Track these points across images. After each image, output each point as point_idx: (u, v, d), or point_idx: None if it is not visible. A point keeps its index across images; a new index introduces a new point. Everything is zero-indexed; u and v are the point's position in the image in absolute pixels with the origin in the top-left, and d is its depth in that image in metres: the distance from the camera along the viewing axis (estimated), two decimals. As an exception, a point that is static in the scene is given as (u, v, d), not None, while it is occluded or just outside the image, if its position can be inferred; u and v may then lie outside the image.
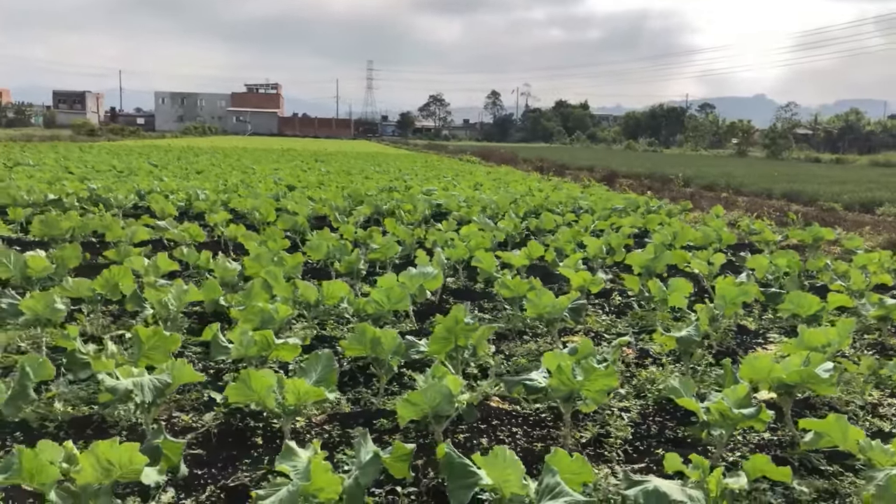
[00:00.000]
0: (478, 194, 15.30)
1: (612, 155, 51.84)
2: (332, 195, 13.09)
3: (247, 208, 11.58)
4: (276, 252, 7.31)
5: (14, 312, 5.00)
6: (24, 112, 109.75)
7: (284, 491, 2.51)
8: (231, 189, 14.65)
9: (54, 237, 8.26)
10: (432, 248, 8.28)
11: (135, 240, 8.35)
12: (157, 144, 48.74)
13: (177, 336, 4.26)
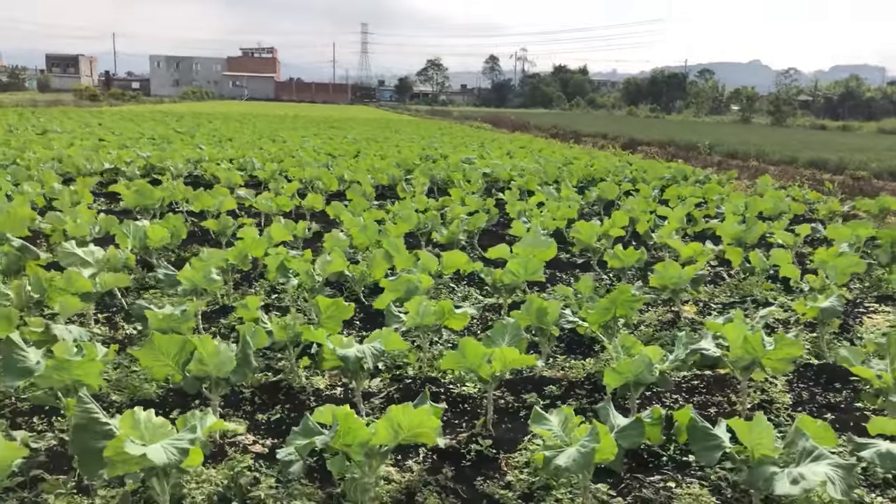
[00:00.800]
0: (515, 162, 15.40)
1: (619, 121, 51.75)
2: (386, 164, 13.16)
3: (306, 177, 11.68)
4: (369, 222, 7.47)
5: (171, 283, 5.17)
6: (17, 76, 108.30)
7: (574, 451, 2.70)
8: (277, 158, 14.69)
9: (147, 207, 8.37)
10: (516, 219, 8.43)
11: (222, 209, 8.47)
12: (162, 110, 48.36)
13: (351, 306, 4.45)
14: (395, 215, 8.10)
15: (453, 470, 3.50)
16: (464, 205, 9.52)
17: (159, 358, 3.53)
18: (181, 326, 4.25)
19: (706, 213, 9.08)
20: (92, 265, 5.59)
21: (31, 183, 9.52)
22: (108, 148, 15.82)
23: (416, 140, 23.99)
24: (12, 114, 33.76)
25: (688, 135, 30.03)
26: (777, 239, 7.78)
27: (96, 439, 2.76)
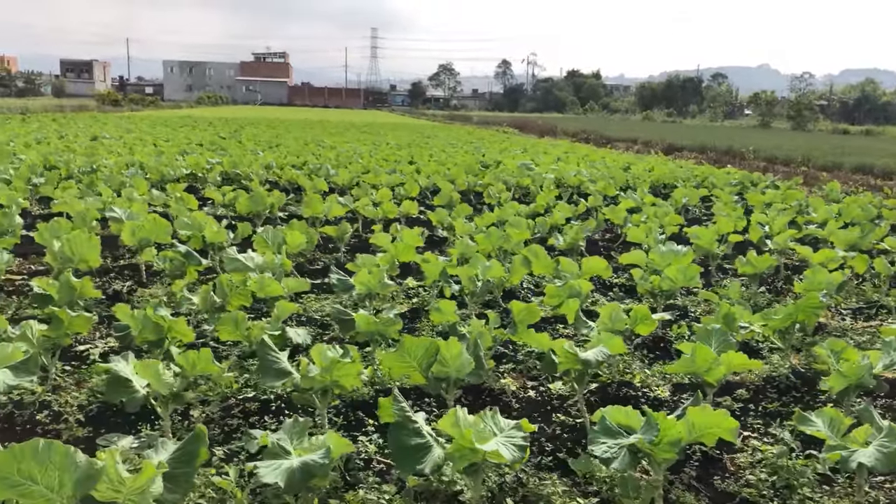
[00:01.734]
0: (571, 167, 15.49)
1: (644, 126, 51.79)
2: (457, 171, 13.30)
3: (383, 183, 11.83)
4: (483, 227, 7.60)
5: (345, 287, 5.31)
6: (33, 81, 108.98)
7: (873, 451, 2.83)
8: (341, 164, 14.85)
9: (258, 213, 8.53)
10: (623, 225, 8.55)
11: (330, 215, 8.63)
12: (188, 115, 48.64)
13: (540, 310, 4.59)
14: (505, 222, 8.22)
15: (688, 469, 3.63)
16: (549, 212, 9.67)
17: (405, 360, 3.67)
18: (388, 330, 4.40)
19: (807, 219, 9.19)
20: (254, 270, 5.75)
21: (125, 189, 9.71)
22: (168, 153, 16.02)
23: (457, 145, 24.14)
24: (46, 119, 34.08)
25: (717, 139, 30.10)
26: (885, 245, 7.88)
27: (410, 437, 2.91)
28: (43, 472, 2.39)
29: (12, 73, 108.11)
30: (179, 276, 5.84)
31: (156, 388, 3.40)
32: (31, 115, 38.84)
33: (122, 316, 4.16)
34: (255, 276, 5.11)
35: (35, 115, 39.38)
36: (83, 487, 2.42)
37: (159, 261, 5.85)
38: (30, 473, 2.38)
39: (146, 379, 3.39)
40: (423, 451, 2.86)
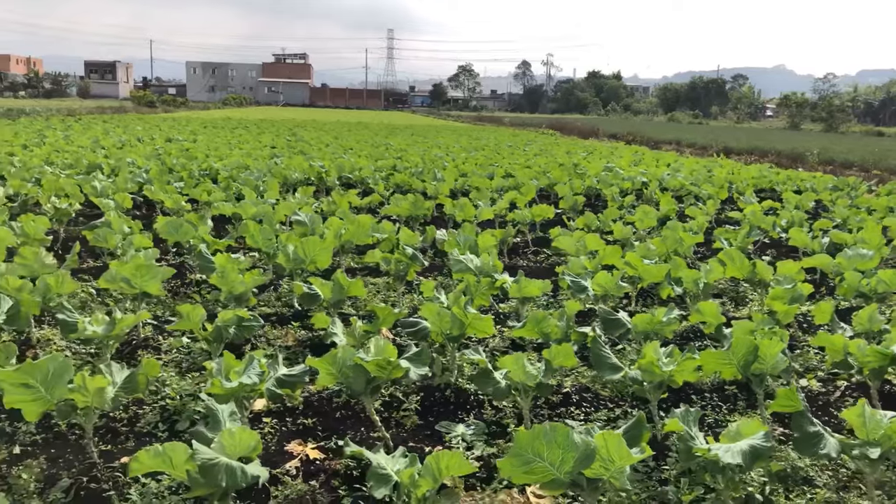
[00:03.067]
0: (653, 171, 15.68)
1: (679, 128, 51.86)
2: (561, 174, 13.55)
3: (492, 188, 12.11)
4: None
5: (580, 288, 5.60)
6: (60, 83, 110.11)
7: None
8: (434, 167, 15.13)
9: (416, 216, 8.84)
10: (768, 229, 8.80)
11: (481, 217, 8.93)
12: (227, 116, 49.07)
13: (830, 308, 4.87)
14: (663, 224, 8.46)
15: None
16: (685, 217, 9.92)
17: (727, 358, 3.95)
18: (664, 329, 4.68)
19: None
20: (474, 271, 6.05)
21: (249, 192, 10.01)
22: (259, 156, 16.37)
23: (516, 146, 24.39)
24: (97, 121, 34.56)
25: (762, 141, 30.27)
26: None
27: (807, 426, 3.19)
28: (549, 450, 2.70)
29: (40, 75, 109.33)
30: (403, 277, 6.15)
31: (519, 379, 3.69)
32: (78, 116, 39.41)
33: (426, 313, 4.46)
34: (501, 277, 5.41)
35: (80, 116, 39.95)
36: (580, 465, 2.72)
37: (384, 263, 6.15)
38: (538, 451, 2.69)
39: (511, 370, 3.69)
40: (818, 438, 3.15)
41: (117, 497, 3.23)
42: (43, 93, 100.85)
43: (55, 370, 3.29)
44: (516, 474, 2.74)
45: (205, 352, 4.64)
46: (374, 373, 3.57)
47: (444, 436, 3.89)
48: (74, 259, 5.87)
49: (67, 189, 9.75)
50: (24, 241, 6.42)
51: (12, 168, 11.86)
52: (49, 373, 3.28)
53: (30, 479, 3.31)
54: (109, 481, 3.34)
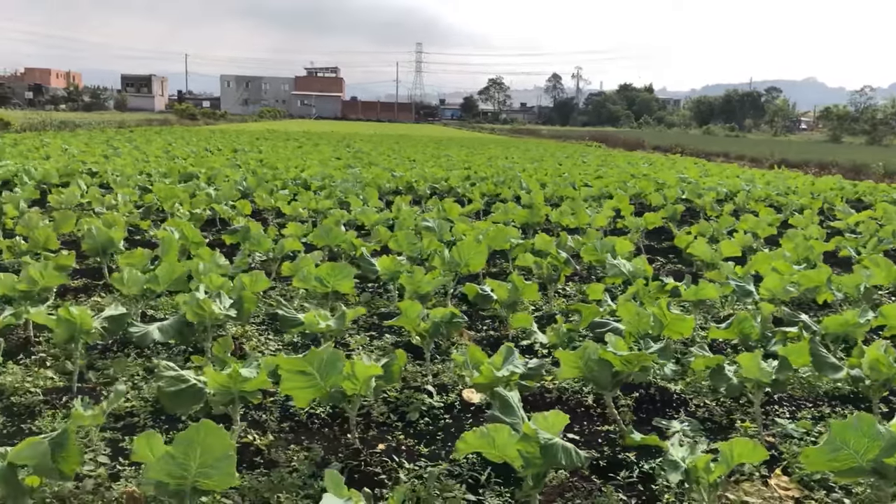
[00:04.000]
0: (735, 182, 15.69)
1: (716, 140, 51.60)
2: (646, 184, 13.62)
3: (569, 196, 12.23)
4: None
5: (745, 293, 5.70)
6: (98, 96, 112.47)
7: None
8: (509, 179, 15.29)
9: (530, 224, 9.00)
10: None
11: (594, 225, 9.05)
12: (271, 128, 49.77)
13: None
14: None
15: None
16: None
17: None
18: (857, 332, 4.76)
19: None
20: (628, 276, 6.18)
21: (355, 200, 10.23)
22: (336, 166, 16.66)
23: (574, 158, 24.49)
24: (150, 132, 35.28)
25: (817, 154, 30.05)
26: None
27: None
28: (855, 438, 2.80)
29: (80, 89, 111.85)
30: (555, 280, 6.29)
31: (754, 375, 3.80)
32: (130, 128, 40.27)
33: (624, 313, 4.58)
34: (670, 281, 5.53)
35: (132, 128, 40.81)
36: (885, 453, 2.82)
37: (535, 267, 6.30)
38: (846, 439, 2.80)
39: (746, 367, 3.79)
40: None
41: (387, 479, 3.40)
42: (83, 106, 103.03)
43: (329, 358, 3.46)
44: (820, 462, 2.85)
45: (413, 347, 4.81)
46: (618, 367, 3.70)
47: (665, 430, 4.00)
48: (244, 260, 6.09)
49: (181, 196, 10.05)
50: (183, 244, 6.66)
51: (117, 177, 12.22)
52: (325, 361, 3.46)
53: (303, 461, 3.49)
54: (378, 465, 3.50)
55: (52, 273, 4.96)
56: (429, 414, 4.10)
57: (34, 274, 4.94)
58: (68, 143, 22.77)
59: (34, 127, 33.08)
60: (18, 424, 3.80)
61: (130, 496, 3.06)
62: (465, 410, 4.17)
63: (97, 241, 6.57)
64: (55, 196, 9.87)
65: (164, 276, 5.09)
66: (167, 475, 2.60)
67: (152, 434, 2.69)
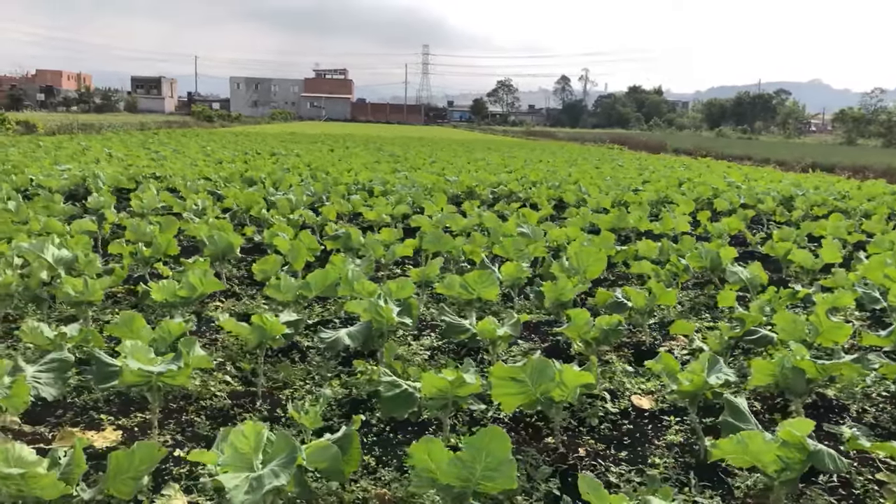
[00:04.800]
0: (781, 187, 15.74)
1: (741, 143, 51.63)
2: (705, 190, 13.71)
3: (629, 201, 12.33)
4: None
5: (872, 300, 5.81)
6: (110, 98, 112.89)
7: None
8: (561, 183, 15.40)
9: (620, 228, 9.11)
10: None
11: (678, 230, 9.16)
12: (291, 131, 49.91)
13: None
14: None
15: None
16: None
17: None
18: None
19: None
20: (745, 283, 6.29)
21: (429, 205, 10.35)
22: (380, 170, 16.78)
23: (605, 162, 24.58)
24: (176, 135, 35.42)
25: (849, 157, 30.14)
26: None
27: None
28: None
29: (91, 91, 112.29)
30: (674, 286, 6.39)
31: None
32: (154, 130, 40.44)
33: (779, 320, 4.68)
34: (802, 289, 5.63)
35: (156, 130, 40.97)
36: None
37: (654, 274, 6.41)
38: None
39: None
40: None
41: (603, 483, 3.51)
42: (94, 107, 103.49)
43: (540, 366, 3.59)
44: None
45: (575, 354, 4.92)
46: (812, 375, 3.81)
47: (839, 436, 4.10)
48: (370, 266, 6.20)
49: (259, 202, 10.20)
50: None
51: (187, 182, 12.35)
52: (536, 369, 3.58)
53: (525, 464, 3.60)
54: (588, 469, 3.61)
55: (211, 280, 5.09)
56: (606, 419, 4.21)
57: (194, 281, 5.07)
58: (107, 146, 22.93)
59: (61, 129, 33.25)
60: (218, 427, 3.91)
61: (381, 498, 3.18)
62: (640, 416, 4.28)
63: (218, 247, 6.70)
64: (136, 201, 10.00)
65: (316, 283, 5.21)
66: (455, 478, 2.72)
67: (431, 440, 2.81)
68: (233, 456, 2.64)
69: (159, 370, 3.45)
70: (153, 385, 3.57)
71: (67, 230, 7.50)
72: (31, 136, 27.81)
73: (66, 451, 2.73)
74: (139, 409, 4.05)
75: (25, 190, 11.34)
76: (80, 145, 22.69)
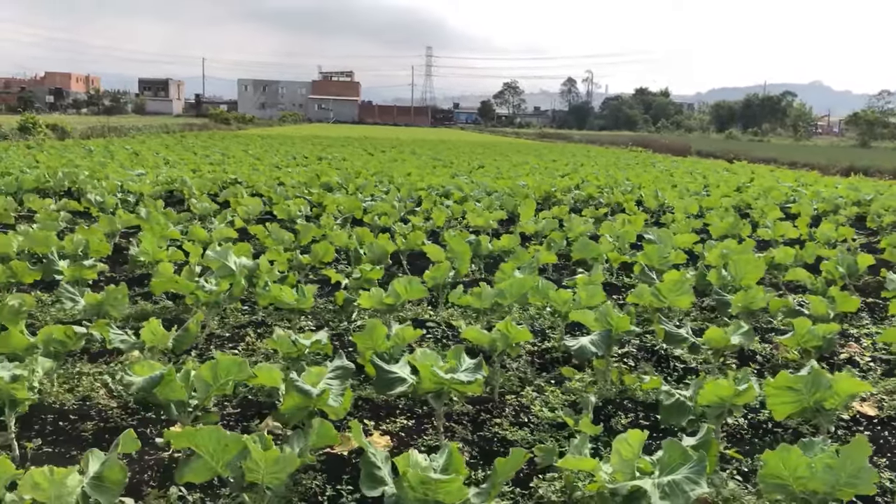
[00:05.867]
0: (836, 192, 15.86)
1: (762, 146, 51.78)
2: (782, 196, 13.85)
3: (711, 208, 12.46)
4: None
5: None
6: (118, 100, 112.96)
7: None
8: (633, 189, 15.52)
9: (733, 234, 9.26)
10: None
11: (778, 234, 9.32)
12: (314, 134, 50.00)
13: None
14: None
15: None
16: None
17: None
18: None
19: None
20: (901, 290, 6.42)
21: (525, 211, 10.47)
22: (440, 174, 16.91)
23: (643, 165, 24.71)
24: (203, 138, 35.49)
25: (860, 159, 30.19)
26: None
27: None
28: None
29: (100, 93, 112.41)
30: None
31: None
32: (181, 133, 40.54)
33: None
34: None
35: (183, 134, 41.06)
36: None
37: (809, 283, 6.53)
38: None
39: None
40: None
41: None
42: (103, 109, 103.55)
43: (815, 376, 3.71)
44: None
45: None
46: None
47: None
48: (534, 274, 6.33)
49: (347, 206, 10.38)
50: (449, 257, 6.91)
51: (278, 187, 12.49)
52: (812, 378, 3.70)
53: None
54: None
55: (417, 287, 5.22)
56: (840, 426, 4.34)
57: (399, 288, 5.20)
58: (153, 149, 23.06)
59: (94, 133, 33.34)
60: (479, 430, 4.03)
61: (703, 502, 3.31)
62: (870, 423, 4.40)
63: (375, 255, 6.84)
64: (243, 207, 10.13)
65: (511, 291, 5.33)
66: (822, 483, 2.85)
67: (787, 447, 2.94)
68: (620, 463, 2.78)
69: (453, 378, 3.59)
70: (444, 391, 3.70)
71: (209, 236, 7.61)
72: (74, 140, 27.91)
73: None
74: (401, 415, 4.17)
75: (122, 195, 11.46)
76: (127, 149, 22.82)
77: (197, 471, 2.77)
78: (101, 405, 4.07)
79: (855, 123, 70.00)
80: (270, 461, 2.65)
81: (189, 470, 2.77)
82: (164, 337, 4.12)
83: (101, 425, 3.84)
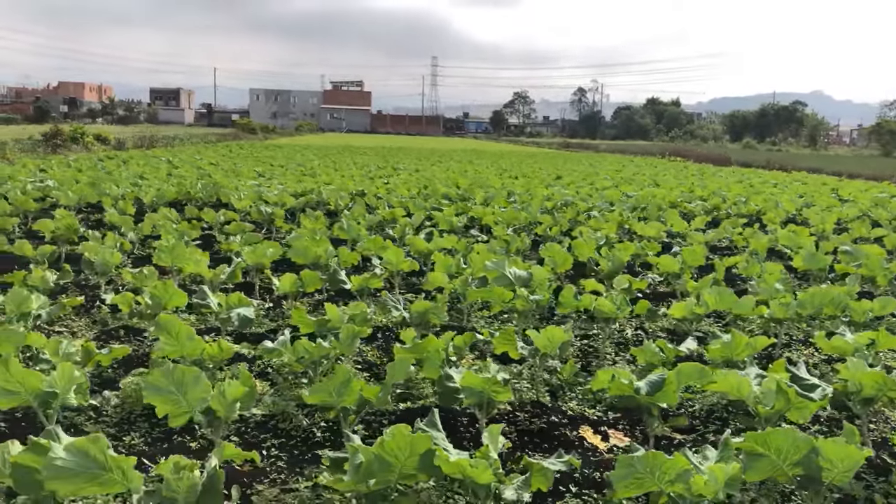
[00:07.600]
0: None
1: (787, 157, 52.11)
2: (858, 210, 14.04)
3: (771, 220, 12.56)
4: None
5: None
6: (132, 109, 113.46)
7: None
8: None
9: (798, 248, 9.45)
10: None
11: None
12: (347, 144, 50.24)
13: None
14: None
15: None
16: None
17: None
18: None
19: None
20: None
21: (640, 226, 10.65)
22: (528, 185, 17.10)
23: (692, 175, 24.89)
24: (221, 148, 35.64)
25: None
26: None
27: None
28: None
29: (114, 102, 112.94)
30: None
31: None
32: (212, 142, 40.73)
33: None
34: None
35: (215, 142, 41.26)
36: None
37: None
38: None
39: None
40: None
41: None
42: (117, 119, 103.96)
43: None
44: None
45: None
46: None
47: None
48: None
49: (507, 218, 10.56)
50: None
51: (378, 197, 12.69)
52: None
53: None
54: None
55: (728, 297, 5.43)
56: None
57: (709, 299, 5.39)
58: (219, 160, 23.25)
59: (142, 143, 33.54)
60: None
61: None
62: None
63: (615, 265, 7.04)
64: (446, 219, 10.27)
65: (716, 302, 5.49)
66: None
67: None
68: None
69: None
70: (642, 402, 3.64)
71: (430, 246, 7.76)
72: (141, 151, 28.08)
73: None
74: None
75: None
76: (197, 157, 23.00)
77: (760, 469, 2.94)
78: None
79: (878, 133, 70.47)
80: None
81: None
82: (556, 342, 4.29)
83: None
